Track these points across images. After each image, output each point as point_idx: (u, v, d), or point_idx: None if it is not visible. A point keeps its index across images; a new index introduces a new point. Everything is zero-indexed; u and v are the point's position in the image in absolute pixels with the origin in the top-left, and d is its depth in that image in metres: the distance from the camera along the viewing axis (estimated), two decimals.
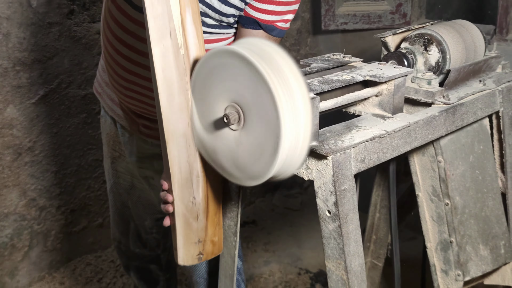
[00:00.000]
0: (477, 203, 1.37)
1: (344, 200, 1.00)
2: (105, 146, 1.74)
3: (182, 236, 1.12)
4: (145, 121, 1.52)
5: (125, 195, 1.76)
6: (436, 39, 1.30)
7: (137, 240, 1.86)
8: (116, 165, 1.72)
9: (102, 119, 1.71)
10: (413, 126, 1.13)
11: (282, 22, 1.36)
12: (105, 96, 1.62)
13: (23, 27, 2.16)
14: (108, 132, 1.68)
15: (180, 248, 1.12)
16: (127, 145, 1.63)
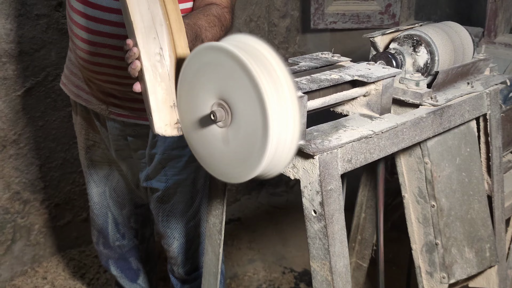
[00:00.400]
0: (463, 206, 1.37)
1: (330, 200, 1.00)
2: (78, 138, 1.76)
3: (155, 95, 1.01)
4: (114, 100, 1.54)
5: (102, 184, 1.77)
6: (425, 40, 1.30)
7: (116, 232, 1.86)
8: (91, 155, 1.73)
9: (73, 113, 1.74)
10: (400, 127, 1.12)
11: None
12: (70, 85, 1.65)
13: (11, 18, 2.14)
14: (80, 121, 1.70)
15: (154, 112, 1.01)
16: (102, 129, 1.65)
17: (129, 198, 1.81)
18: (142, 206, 1.86)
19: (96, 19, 1.40)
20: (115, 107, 1.55)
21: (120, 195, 1.80)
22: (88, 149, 1.72)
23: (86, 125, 1.69)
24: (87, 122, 1.69)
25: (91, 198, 1.82)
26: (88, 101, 1.60)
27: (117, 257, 1.93)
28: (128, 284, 1.98)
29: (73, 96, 1.64)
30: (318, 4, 2.87)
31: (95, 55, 1.44)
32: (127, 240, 1.90)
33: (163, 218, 1.70)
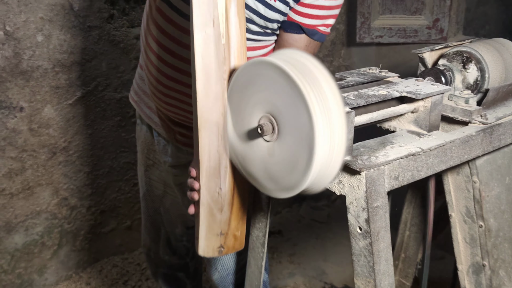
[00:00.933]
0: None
1: (376, 217, 0.99)
2: (139, 154, 1.76)
3: (205, 225, 1.11)
4: (182, 129, 1.53)
5: (158, 202, 1.78)
6: (475, 57, 1.28)
7: (167, 247, 1.87)
8: (149, 173, 1.73)
9: (137, 127, 1.73)
10: (449, 145, 1.11)
11: (323, 26, 1.38)
12: (142, 104, 1.63)
13: (64, 30, 2.21)
14: (143, 140, 1.70)
15: (201, 238, 1.11)
16: (162, 153, 1.64)
17: (181, 220, 1.81)
18: (193, 227, 1.85)
19: (172, 66, 1.38)
20: (182, 136, 1.54)
21: (173, 217, 1.79)
22: (148, 167, 1.73)
23: (149, 144, 1.69)
24: (150, 142, 1.68)
25: (145, 211, 1.82)
26: (157, 124, 1.59)
27: (166, 270, 1.94)
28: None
29: (144, 116, 1.63)
30: (364, 18, 2.86)
31: (167, 96, 1.43)
32: (177, 256, 1.89)
33: None
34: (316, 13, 1.34)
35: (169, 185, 1.70)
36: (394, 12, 2.85)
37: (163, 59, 1.38)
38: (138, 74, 1.64)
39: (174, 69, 1.38)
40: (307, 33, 1.36)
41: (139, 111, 1.65)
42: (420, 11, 2.80)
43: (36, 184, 2.33)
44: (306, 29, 1.36)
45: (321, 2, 1.33)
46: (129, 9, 2.37)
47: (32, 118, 2.23)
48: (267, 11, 1.30)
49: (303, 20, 1.35)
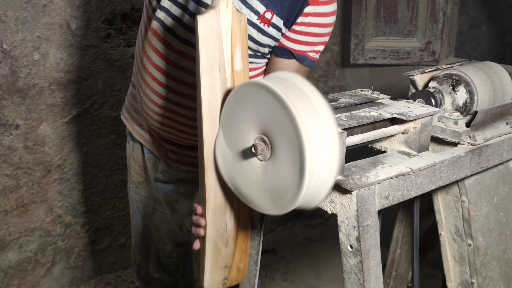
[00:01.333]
0: (500, 245, 1.36)
1: (367, 236, 1.02)
2: (129, 171, 1.77)
3: (211, 260, 1.14)
4: (173, 147, 1.55)
5: (148, 218, 1.79)
6: (464, 80, 1.31)
7: (157, 264, 1.88)
8: (140, 190, 1.75)
9: (128, 145, 1.75)
10: (438, 165, 1.14)
11: (313, 52, 1.41)
12: (132, 121, 1.66)
13: (61, 48, 2.24)
14: (134, 157, 1.72)
15: (207, 273, 1.14)
16: (152, 170, 1.66)
17: (170, 237, 1.82)
18: (183, 244, 1.87)
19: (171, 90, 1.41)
20: (173, 153, 1.56)
21: (162, 234, 1.80)
22: (138, 184, 1.74)
23: (140, 161, 1.70)
24: (141, 159, 1.70)
25: (135, 228, 1.84)
26: (148, 141, 1.62)
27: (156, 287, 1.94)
28: None
29: (135, 134, 1.65)
30: (358, 39, 2.91)
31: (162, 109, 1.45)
32: (167, 274, 1.90)
33: None
34: (306, 39, 1.38)
35: (159, 201, 1.72)
36: (387, 34, 2.90)
37: (158, 80, 1.41)
38: (130, 92, 1.66)
39: (169, 90, 1.41)
40: (297, 58, 1.40)
41: (130, 129, 1.68)
42: (412, 34, 2.85)
43: (31, 201, 2.34)
44: (297, 55, 1.39)
45: (311, 30, 1.37)
46: (126, 28, 2.40)
47: (28, 135, 2.25)
48: (260, 36, 1.34)
49: (294, 46, 1.38)
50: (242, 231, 1.18)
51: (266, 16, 1.32)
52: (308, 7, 1.34)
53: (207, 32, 1.04)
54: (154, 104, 1.45)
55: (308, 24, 1.36)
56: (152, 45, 1.40)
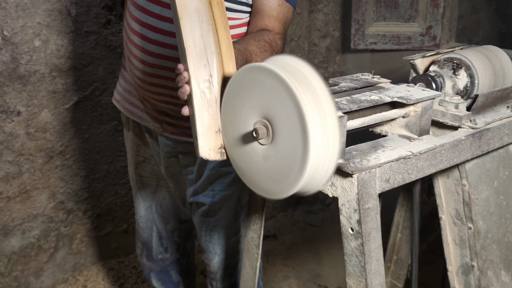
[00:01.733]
0: (500, 229, 1.37)
1: (368, 219, 1.02)
2: (129, 154, 1.80)
3: (201, 120, 1.05)
4: (169, 118, 1.58)
5: (149, 199, 1.82)
6: (465, 64, 1.31)
7: (159, 245, 1.91)
8: (140, 170, 1.78)
9: (125, 128, 1.77)
10: (439, 148, 1.14)
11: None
12: (124, 101, 1.69)
13: (62, 35, 2.24)
14: (132, 137, 1.74)
15: (200, 136, 1.05)
16: (154, 146, 1.70)
17: (174, 214, 1.85)
18: (185, 222, 1.91)
19: (156, 42, 1.45)
20: (168, 125, 1.59)
21: (166, 211, 1.84)
22: (138, 165, 1.77)
23: (138, 141, 1.74)
24: (139, 138, 1.73)
25: (137, 211, 1.87)
26: (142, 118, 1.65)
27: (159, 270, 1.97)
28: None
29: (127, 113, 1.68)
30: (358, 25, 2.90)
31: (152, 76, 1.49)
32: (169, 253, 1.94)
33: (206, 233, 1.74)
34: None
35: (162, 177, 1.75)
36: (388, 19, 2.89)
37: (146, 37, 1.45)
38: (121, 76, 1.71)
39: (157, 44, 1.44)
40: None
41: (123, 110, 1.71)
42: (413, 19, 2.84)
43: (33, 187, 2.35)
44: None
45: None
46: None
47: (29, 122, 2.25)
48: None
49: None
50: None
51: None
52: None
53: None
54: (141, 72, 1.49)
55: None
56: (137, 4, 1.44)
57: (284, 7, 1.46)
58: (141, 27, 1.45)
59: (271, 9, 1.44)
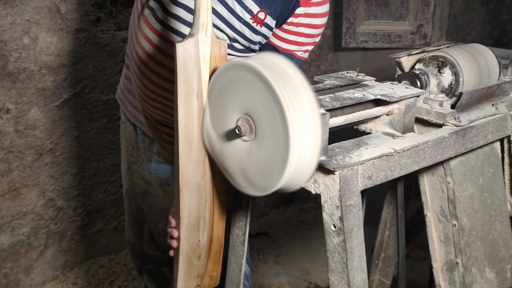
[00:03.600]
0: (484, 226, 1.38)
1: (350, 215, 1.03)
2: (123, 151, 1.79)
3: (183, 271, 1.20)
4: (168, 129, 1.56)
5: (140, 199, 1.81)
6: (450, 62, 1.32)
7: (151, 242, 1.90)
8: (132, 170, 1.77)
9: (122, 125, 1.75)
10: (422, 146, 1.15)
11: (301, 52, 1.43)
12: (127, 103, 1.66)
13: (51, 32, 2.23)
14: (128, 138, 1.73)
15: (180, 281, 1.20)
16: (147, 151, 1.67)
17: (164, 215, 1.84)
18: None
19: (162, 77, 1.42)
20: (167, 136, 1.57)
21: (156, 213, 1.83)
22: (131, 165, 1.76)
23: (133, 142, 1.71)
24: (135, 141, 1.71)
25: (128, 207, 1.86)
26: (143, 123, 1.62)
27: (151, 265, 1.97)
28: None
29: (129, 115, 1.65)
30: (349, 23, 2.90)
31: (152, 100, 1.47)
32: (161, 252, 1.93)
33: None
34: (294, 39, 1.39)
35: (150, 183, 1.73)
36: (379, 18, 2.90)
37: (149, 67, 1.42)
38: (125, 73, 1.67)
39: (159, 76, 1.42)
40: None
41: (124, 109, 1.68)
42: (404, 17, 2.84)
43: (23, 185, 2.34)
44: (283, 53, 1.40)
45: (301, 30, 1.37)
46: (116, 12, 2.39)
47: (19, 119, 2.25)
48: (252, 35, 1.35)
49: (281, 44, 1.40)
50: (215, 245, 1.23)
51: (259, 16, 1.33)
52: (299, 9, 1.34)
53: (186, 60, 1.05)
54: (146, 88, 1.46)
55: (298, 24, 1.36)
56: (144, 33, 1.40)
57: (295, 62, 1.44)
58: (146, 57, 1.41)
59: None
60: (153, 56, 1.40)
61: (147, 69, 1.43)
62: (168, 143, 1.59)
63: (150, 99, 1.48)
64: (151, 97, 1.47)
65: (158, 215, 1.83)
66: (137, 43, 1.44)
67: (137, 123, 1.65)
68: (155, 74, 1.42)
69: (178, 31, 1.36)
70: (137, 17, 1.45)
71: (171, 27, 1.36)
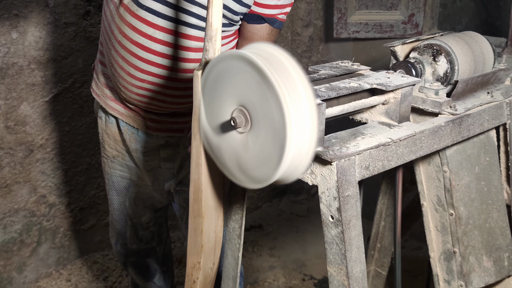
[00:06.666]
0: (481, 214, 1.37)
1: (347, 206, 1.02)
2: (103, 147, 1.78)
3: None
4: (153, 116, 1.58)
5: (123, 195, 1.81)
6: (445, 50, 1.31)
7: (134, 237, 1.90)
8: (114, 164, 1.76)
9: (100, 120, 1.74)
10: (418, 135, 1.14)
11: (282, 14, 1.51)
12: (104, 97, 1.67)
13: (40, 26, 2.20)
14: (108, 132, 1.72)
15: None
16: (131, 141, 1.67)
17: (149, 204, 1.84)
18: (161, 209, 1.90)
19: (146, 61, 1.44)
20: (152, 122, 1.59)
21: (140, 206, 1.83)
22: (113, 158, 1.75)
23: (115, 135, 1.71)
24: (116, 133, 1.70)
25: (111, 203, 1.86)
26: (124, 115, 1.62)
27: (135, 258, 1.97)
28: (144, 283, 2.02)
29: (109, 109, 1.65)
30: (341, 13, 2.89)
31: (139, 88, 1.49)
32: (144, 243, 1.93)
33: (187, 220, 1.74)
34: (275, 2, 1.46)
35: (135, 172, 1.72)
36: (370, 8, 2.88)
37: (135, 54, 1.43)
38: (101, 72, 1.67)
39: (146, 62, 1.44)
40: (268, 22, 1.49)
41: (103, 104, 1.68)
42: (395, 6, 2.83)
43: (14, 182, 2.32)
44: (267, 19, 1.48)
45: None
46: None
47: (9, 115, 2.22)
48: (235, 5, 1.40)
49: (264, 11, 1.47)
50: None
51: None
52: None
53: None
54: (133, 77, 1.47)
55: None
56: (127, 22, 1.41)
57: (273, 33, 1.53)
58: (132, 44, 1.43)
59: (261, 38, 1.51)
60: (139, 43, 1.42)
61: (133, 56, 1.44)
62: (153, 130, 1.61)
63: (136, 87, 1.49)
64: (137, 85, 1.49)
65: (141, 209, 1.83)
66: (120, 33, 1.45)
67: (118, 115, 1.65)
68: (142, 60, 1.44)
69: (162, 14, 1.39)
70: (115, 8, 1.45)
71: (155, 11, 1.39)
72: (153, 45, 1.41)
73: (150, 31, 1.40)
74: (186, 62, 1.45)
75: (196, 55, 1.44)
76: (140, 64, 1.44)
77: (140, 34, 1.41)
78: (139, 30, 1.41)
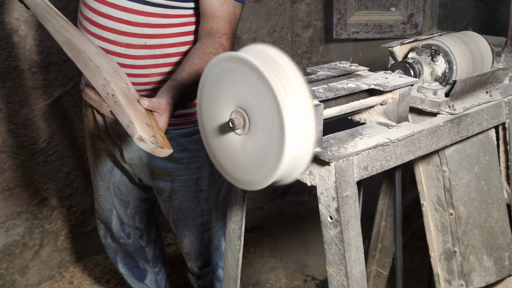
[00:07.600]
0: (481, 214, 1.38)
1: (346, 207, 1.02)
2: (86, 131, 1.80)
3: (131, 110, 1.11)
4: None
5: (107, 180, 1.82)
6: (443, 50, 1.31)
7: (121, 230, 1.91)
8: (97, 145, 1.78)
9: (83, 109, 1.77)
10: (417, 135, 1.14)
11: None
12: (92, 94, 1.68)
13: (40, 30, 2.21)
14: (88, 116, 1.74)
15: (134, 121, 1.09)
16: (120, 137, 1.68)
17: (133, 193, 1.85)
18: (146, 201, 1.90)
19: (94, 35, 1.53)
20: None
21: (124, 192, 1.83)
22: (96, 139, 1.76)
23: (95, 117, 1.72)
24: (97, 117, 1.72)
25: (96, 190, 1.86)
26: (94, 101, 1.66)
27: (124, 254, 1.98)
28: (135, 283, 2.03)
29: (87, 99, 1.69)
30: (340, 14, 2.89)
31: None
32: (132, 240, 1.94)
33: (173, 217, 1.77)
34: None
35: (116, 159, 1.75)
36: (369, 8, 2.89)
37: (92, 8, 1.53)
38: None
39: (101, 15, 1.52)
40: None
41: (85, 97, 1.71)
42: (395, 6, 2.83)
43: (16, 185, 2.32)
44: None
45: None
46: None
47: (10, 119, 2.23)
48: None
49: None
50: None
51: None
52: None
53: None
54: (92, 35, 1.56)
55: None
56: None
57: (228, 4, 1.44)
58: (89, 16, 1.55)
59: (214, 9, 1.43)
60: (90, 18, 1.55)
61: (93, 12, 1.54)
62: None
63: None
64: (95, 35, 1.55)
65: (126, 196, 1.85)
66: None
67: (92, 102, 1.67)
68: (97, 13, 1.53)
69: None
70: None
71: None
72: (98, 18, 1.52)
73: (95, 5, 1.51)
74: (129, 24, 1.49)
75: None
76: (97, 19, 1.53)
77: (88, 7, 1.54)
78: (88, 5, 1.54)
